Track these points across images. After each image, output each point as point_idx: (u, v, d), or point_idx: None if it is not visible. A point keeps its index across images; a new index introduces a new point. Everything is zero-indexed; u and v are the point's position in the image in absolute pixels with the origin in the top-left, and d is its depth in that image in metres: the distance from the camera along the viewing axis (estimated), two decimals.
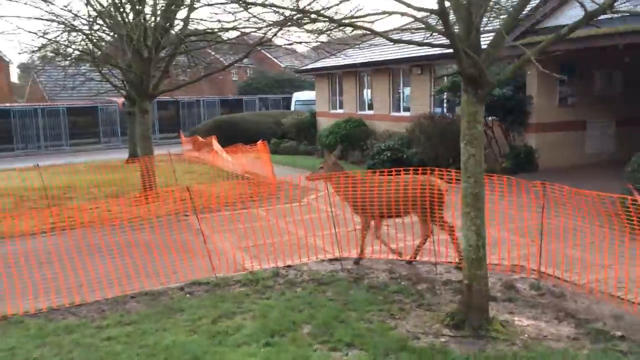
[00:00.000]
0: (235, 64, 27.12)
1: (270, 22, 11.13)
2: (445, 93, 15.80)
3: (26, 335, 5.36)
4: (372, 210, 7.17)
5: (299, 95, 31.86)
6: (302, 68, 25.22)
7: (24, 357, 4.87)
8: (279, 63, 50.33)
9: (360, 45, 17.14)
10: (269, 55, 50.74)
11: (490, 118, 13.89)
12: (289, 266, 7.32)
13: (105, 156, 25.77)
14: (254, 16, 6.77)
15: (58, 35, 11.97)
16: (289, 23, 10.96)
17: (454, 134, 13.93)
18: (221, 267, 7.16)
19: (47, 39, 11.91)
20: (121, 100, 31.59)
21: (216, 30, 12.26)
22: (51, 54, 17.54)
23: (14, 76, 56.31)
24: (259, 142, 14.51)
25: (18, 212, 11.59)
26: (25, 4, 11.22)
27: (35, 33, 11.51)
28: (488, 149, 13.92)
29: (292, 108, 30.68)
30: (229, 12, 12.16)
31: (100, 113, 31.46)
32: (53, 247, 7.90)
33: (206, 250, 7.09)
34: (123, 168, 18.73)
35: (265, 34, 11.78)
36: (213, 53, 22.74)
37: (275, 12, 5.47)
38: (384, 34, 5.29)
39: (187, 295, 6.40)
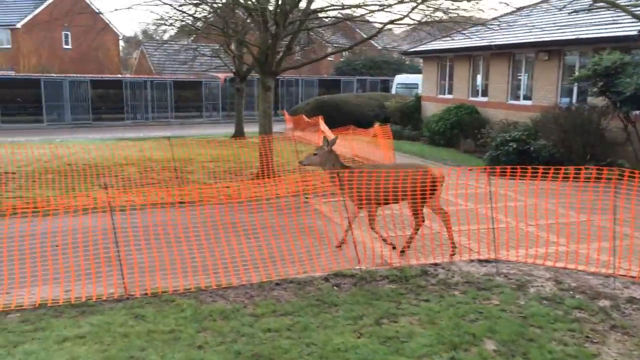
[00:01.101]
0: (333, 44, 26.61)
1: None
2: (577, 83, 14.49)
3: (183, 317, 5.20)
4: (377, 199, 7.00)
5: (400, 78, 30.98)
6: (410, 50, 24.29)
7: (187, 342, 4.68)
8: (375, 44, 49.34)
9: (477, 27, 16.12)
10: (364, 36, 49.96)
11: (636, 112, 12.53)
12: (436, 264, 6.79)
13: (208, 130, 26.30)
14: None
15: (188, 8, 11.97)
16: None
17: (594, 127, 12.74)
18: (360, 258, 6.76)
19: (179, 11, 11.91)
20: (223, 75, 32.21)
21: (340, 6, 11.80)
22: (168, 28, 17.89)
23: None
24: (376, 125, 13.99)
25: (145, 182, 11.82)
26: None
27: (170, 5, 11.55)
28: (629, 147, 12.60)
29: (393, 91, 29.91)
30: None
31: (204, 88, 32.15)
32: (183, 222, 7.81)
33: (353, 241, 6.70)
34: (231, 144, 18.91)
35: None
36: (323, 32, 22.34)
37: None
38: None
39: (335, 288, 6.04)
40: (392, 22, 11.20)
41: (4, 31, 37.49)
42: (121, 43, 59.66)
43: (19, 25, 37.07)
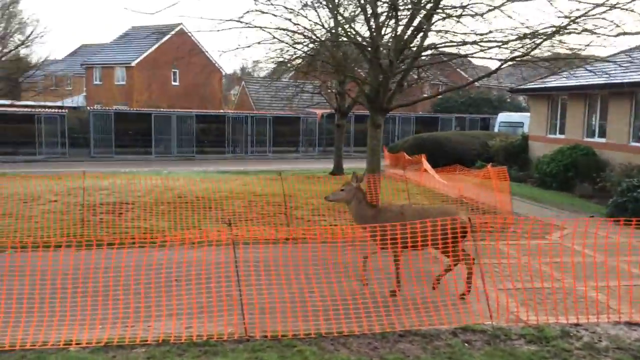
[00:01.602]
0: (442, 82, 26.01)
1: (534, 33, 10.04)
2: None
3: None
4: (403, 242, 6.50)
5: (503, 116, 29.87)
6: (518, 87, 23.35)
7: None
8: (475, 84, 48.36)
9: (594, 64, 15.10)
10: (463, 74, 49.03)
11: None
12: (577, 324, 6.08)
13: (305, 165, 26.58)
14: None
15: (301, 46, 12.14)
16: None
17: None
18: (483, 312, 6.18)
19: (296, 49, 12.10)
20: (320, 112, 32.67)
21: (457, 43, 11.43)
22: (275, 65, 18.34)
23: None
24: (489, 166, 13.32)
25: (251, 216, 11.90)
26: (275, 15, 11.49)
27: (287, 43, 11.78)
28: None
29: (496, 129, 28.85)
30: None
31: (302, 124, 32.73)
32: (294, 259, 7.57)
33: (485, 292, 6.15)
34: (329, 180, 18.83)
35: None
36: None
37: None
38: None
39: (466, 345, 5.52)
40: (513, 59, 10.67)
41: (121, 69, 40.57)
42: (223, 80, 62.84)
43: (133, 64, 39.95)
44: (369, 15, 11.07)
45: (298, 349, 5.33)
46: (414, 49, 11.44)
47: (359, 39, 11.44)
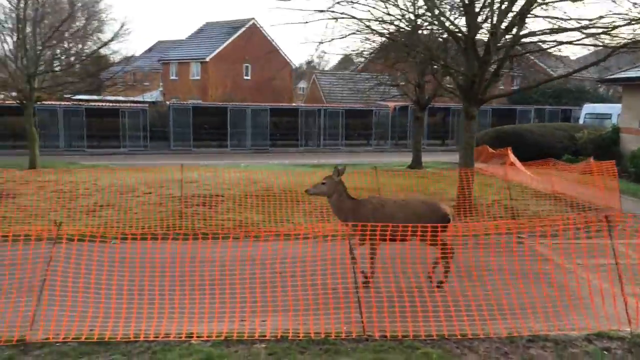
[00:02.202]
0: (505, 71, 24.84)
1: None
2: None
3: None
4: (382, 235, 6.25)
5: (589, 108, 28.29)
6: (608, 77, 21.97)
7: None
8: (551, 72, 46.17)
9: None
10: (539, 63, 46.97)
11: None
12: None
13: (379, 159, 26.20)
14: None
15: (392, 36, 11.81)
16: None
17: None
18: (612, 317, 5.70)
19: (385, 39, 11.80)
20: (393, 104, 32.13)
21: (555, 30, 10.76)
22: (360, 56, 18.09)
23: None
24: (590, 159, 12.53)
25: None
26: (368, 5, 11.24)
27: (376, 31, 11.49)
28: None
29: (581, 121, 27.37)
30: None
31: (374, 116, 32.33)
32: (392, 255, 7.28)
33: (622, 295, 5.68)
34: (409, 174, 18.41)
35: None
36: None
37: None
38: None
39: (605, 353, 5.10)
40: (624, 45, 9.92)
41: (196, 64, 41.57)
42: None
43: (208, 59, 40.82)
44: (466, 2, 10.61)
45: (422, 351, 5.10)
46: (512, 36, 10.89)
47: (454, 28, 11.02)
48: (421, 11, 12.52)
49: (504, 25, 10.64)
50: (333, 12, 10.53)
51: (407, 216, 6.76)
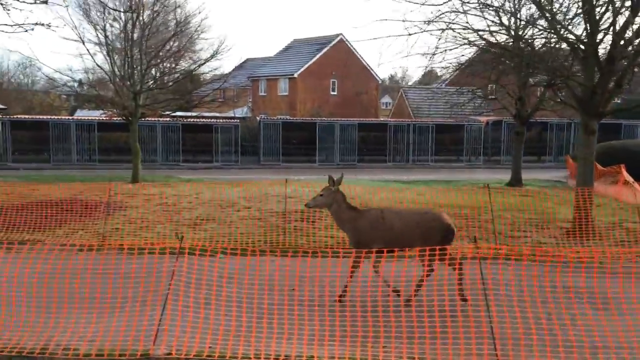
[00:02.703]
0: None
1: None
2: None
3: None
4: (379, 244, 6.62)
5: None
6: None
7: None
8: None
9: None
10: None
11: None
12: None
13: (472, 176, 25.26)
14: None
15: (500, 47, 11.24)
16: None
17: None
18: None
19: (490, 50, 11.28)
20: (485, 119, 31.01)
21: None
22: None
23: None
24: None
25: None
26: (476, 15, 10.75)
27: (487, 42, 10.98)
28: None
29: None
30: None
31: (466, 132, 31.33)
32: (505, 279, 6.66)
33: None
34: (509, 192, 17.46)
35: None
36: None
37: None
38: None
39: None
40: None
41: (284, 80, 42.41)
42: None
43: (296, 75, 41.51)
44: (586, 8, 9.88)
45: None
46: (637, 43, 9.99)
47: (573, 38, 10.29)
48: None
49: (629, 32, 9.81)
50: (446, 22, 10.15)
51: (407, 227, 6.77)
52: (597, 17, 10.09)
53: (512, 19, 11.56)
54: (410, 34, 11.11)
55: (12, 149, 27.77)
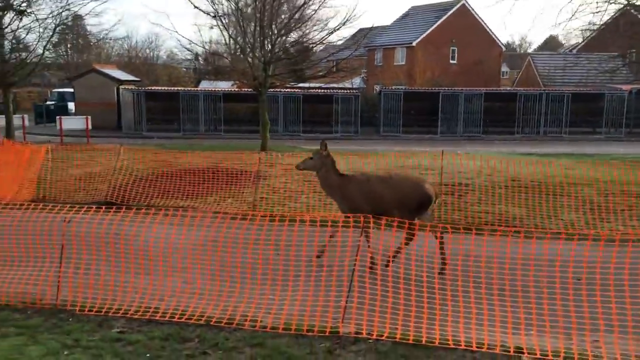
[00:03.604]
0: None
1: None
2: None
3: None
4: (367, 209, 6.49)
5: None
6: None
7: None
8: None
9: None
10: None
11: None
12: None
13: (613, 149, 22.98)
14: None
15: None
16: None
17: None
18: None
19: None
20: (629, 87, 28.04)
21: None
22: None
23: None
24: None
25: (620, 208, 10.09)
26: None
27: None
28: None
29: None
30: None
31: (606, 101, 28.53)
32: None
33: None
34: None
35: None
36: None
37: None
38: None
39: None
40: None
41: (402, 49, 41.16)
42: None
43: (414, 44, 40.10)
44: None
45: None
46: None
47: None
48: None
49: None
50: None
51: (390, 193, 6.82)
52: None
53: None
54: None
55: (146, 118, 29.37)
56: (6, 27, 20.71)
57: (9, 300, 5.76)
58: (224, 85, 32.52)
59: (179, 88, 32.42)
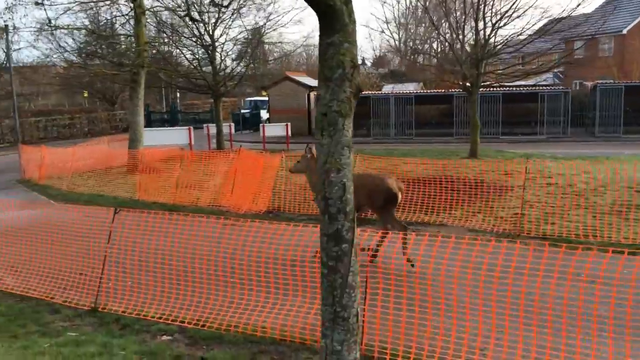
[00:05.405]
0: None
1: None
2: None
3: None
4: None
5: None
6: None
7: None
8: None
9: None
10: None
11: None
12: None
13: None
14: None
15: None
16: None
17: None
18: None
19: None
20: None
21: None
22: None
23: None
24: None
25: None
26: None
27: None
28: None
29: None
30: None
31: None
32: None
33: None
34: None
35: None
36: None
37: None
38: None
39: None
40: None
41: (608, 38, 36.26)
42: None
43: (625, 31, 35.09)
44: None
45: None
46: None
47: None
48: None
49: None
50: None
51: (358, 188, 6.26)
52: None
53: None
54: None
55: None
56: (217, 40, 21.74)
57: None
58: (411, 88, 31.29)
59: (369, 92, 31.92)
